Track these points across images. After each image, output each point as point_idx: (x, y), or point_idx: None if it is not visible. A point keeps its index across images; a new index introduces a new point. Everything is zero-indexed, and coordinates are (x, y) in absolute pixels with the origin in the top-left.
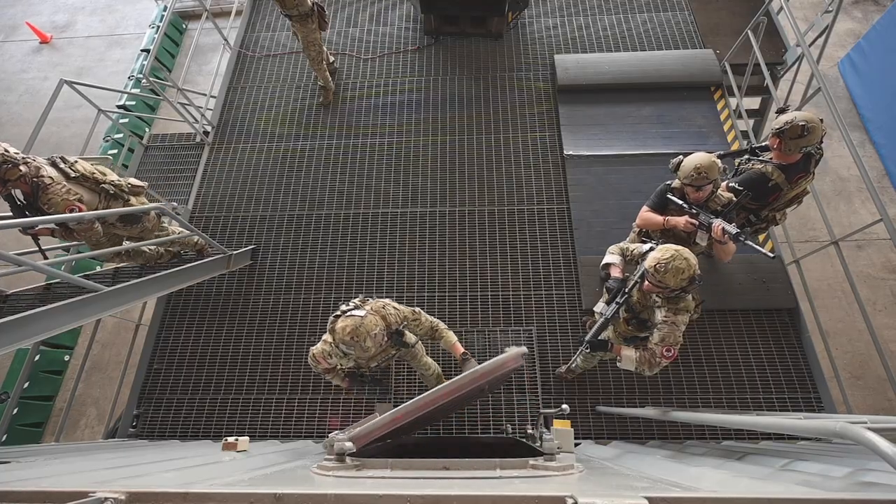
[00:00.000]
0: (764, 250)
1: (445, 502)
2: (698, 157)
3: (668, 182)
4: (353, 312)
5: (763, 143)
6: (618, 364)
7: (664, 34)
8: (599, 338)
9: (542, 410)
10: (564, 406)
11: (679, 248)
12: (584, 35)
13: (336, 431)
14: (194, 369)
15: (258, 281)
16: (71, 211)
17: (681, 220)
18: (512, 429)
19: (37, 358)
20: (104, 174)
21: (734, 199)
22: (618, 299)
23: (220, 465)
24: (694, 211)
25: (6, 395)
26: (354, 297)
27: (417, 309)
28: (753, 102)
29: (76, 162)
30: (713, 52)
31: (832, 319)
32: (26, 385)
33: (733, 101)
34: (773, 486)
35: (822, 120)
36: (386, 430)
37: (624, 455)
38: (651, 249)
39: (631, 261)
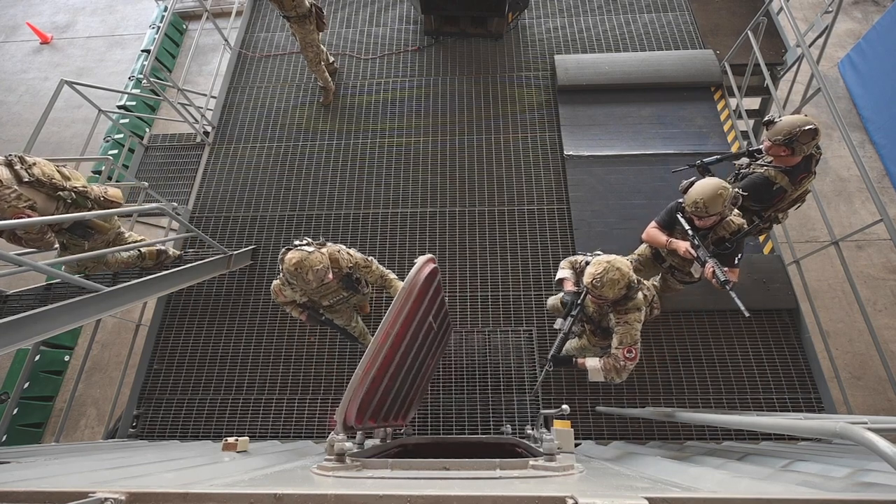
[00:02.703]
0: (742, 307)
1: (446, 502)
2: (702, 189)
3: (680, 200)
4: (303, 247)
5: (761, 146)
6: (590, 378)
7: (664, 34)
8: (562, 353)
9: (542, 411)
10: (564, 406)
11: (611, 258)
12: (584, 35)
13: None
14: (194, 369)
15: (258, 281)
16: (18, 219)
17: (682, 247)
18: (512, 429)
19: (37, 358)
20: (68, 178)
21: (745, 226)
22: (573, 312)
23: (220, 465)
24: (696, 243)
25: (6, 395)
26: (308, 237)
27: (371, 258)
28: (753, 103)
29: (34, 164)
30: (713, 52)
31: (832, 320)
32: (26, 385)
33: (733, 102)
34: (774, 487)
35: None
36: (364, 384)
37: (624, 455)
38: (587, 264)
39: (581, 272)
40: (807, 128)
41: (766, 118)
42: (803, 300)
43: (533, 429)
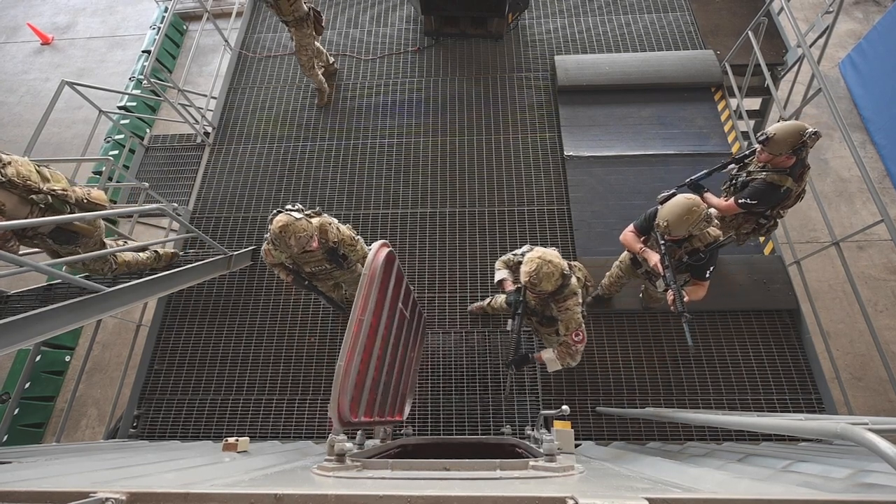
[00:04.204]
0: (690, 339)
1: (446, 503)
2: (670, 211)
3: (659, 207)
4: (292, 212)
5: (748, 151)
6: (548, 369)
7: (664, 35)
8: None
9: (542, 412)
10: (564, 407)
11: (541, 253)
12: (584, 36)
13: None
14: (195, 370)
15: (259, 282)
16: None
17: (652, 260)
18: (512, 429)
19: (38, 358)
20: (47, 180)
21: (720, 238)
22: (518, 311)
23: (221, 465)
24: (666, 263)
25: (7, 395)
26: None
27: (359, 237)
28: (754, 103)
29: (9, 163)
30: (713, 52)
31: (833, 320)
32: (27, 385)
33: (734, 102)
34: (774, 488)
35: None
36: (349, 375)
37: (624, 456)
38: (519, 263)
39: (516, 270)
40: (811, 131)
41: (759, 136)
42: (804, 301)
43: (533, 429)
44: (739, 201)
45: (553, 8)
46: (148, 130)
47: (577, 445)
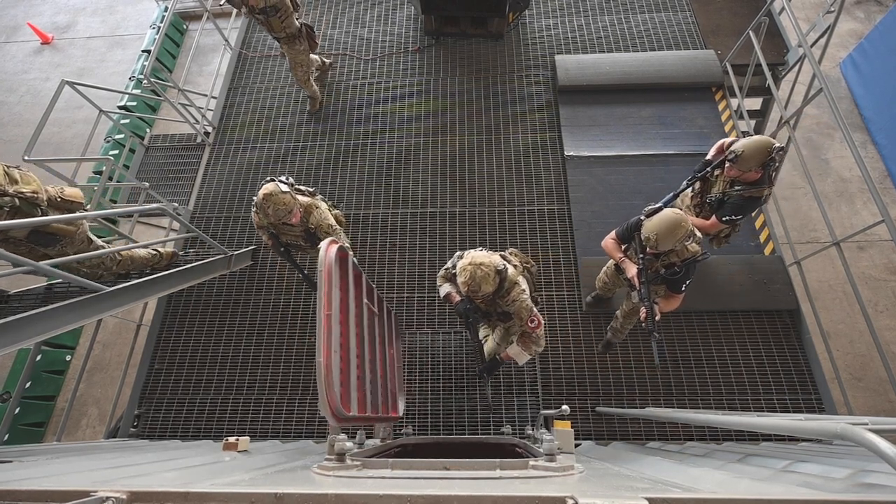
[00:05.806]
0: (657, 357)
1: (446, 502)
2: (658, 224)
3: (642, 217)
4: (281, 183)
5: (708, 167)
6: (518, 363)
7: (665, 34)
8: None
9: (542, 412)
10: (564, 407)
11: (470, 258)
12: (584, 35)
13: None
14: (195, 369)
15: (259, 281)
16: None
17: (630, 271)
18: (512, 429)
19: (38, 358)
20: (16, 181)
21: (698, 254)
22: (470, 319)
23: (221, 464)
24: (643, 279)
25: (8, 394)
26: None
27: (338, 228)
28: (755, 103)
29: None
30: (714, 52)
31: (833, 321)
32: (28, 385)
33: (734, 102)
34: (774, 488)
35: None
36: (331, 371)
37: (624, 456)
38: (454, 275)
39: (455, 279)
40: (778, 146)
41: (729, 155)
42: (804, 301)
43: (533, 429)
44: (724, 219)
45: (553, 8)
46: (148, 130)
47: (577, 445)
